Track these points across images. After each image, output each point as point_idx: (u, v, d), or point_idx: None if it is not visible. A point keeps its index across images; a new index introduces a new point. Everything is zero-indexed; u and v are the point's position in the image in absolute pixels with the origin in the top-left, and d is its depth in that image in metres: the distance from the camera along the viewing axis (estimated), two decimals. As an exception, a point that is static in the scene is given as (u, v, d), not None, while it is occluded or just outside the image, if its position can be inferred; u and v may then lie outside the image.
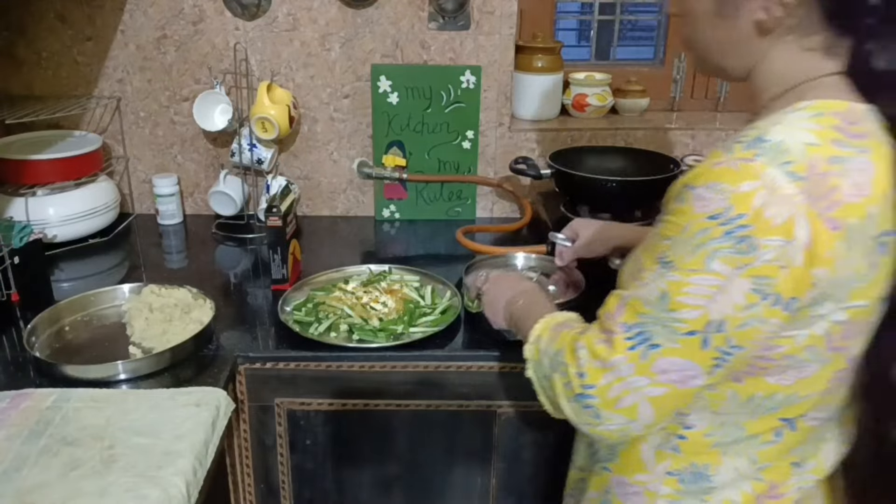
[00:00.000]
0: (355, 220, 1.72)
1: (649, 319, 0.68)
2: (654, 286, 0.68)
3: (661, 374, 0.69)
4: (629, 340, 0.69)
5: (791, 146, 0.64)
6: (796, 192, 0.62)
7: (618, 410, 0.71)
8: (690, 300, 0.65)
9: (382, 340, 1.14)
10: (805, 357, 0.70)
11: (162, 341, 1.11)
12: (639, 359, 0.69)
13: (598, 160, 1.59)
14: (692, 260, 0.65)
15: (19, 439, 0.90)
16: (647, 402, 0.70)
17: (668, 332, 0.67)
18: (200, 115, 1.57)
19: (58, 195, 1.47)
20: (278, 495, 1.23)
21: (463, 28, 1.59)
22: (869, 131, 0.68)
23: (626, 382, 0.70)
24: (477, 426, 1.20)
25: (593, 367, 0.71)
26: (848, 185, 0.64)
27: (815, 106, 0.68)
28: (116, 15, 1.55)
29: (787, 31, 0.71)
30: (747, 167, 0.63)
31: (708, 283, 0.64)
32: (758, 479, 0.79)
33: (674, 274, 0.66)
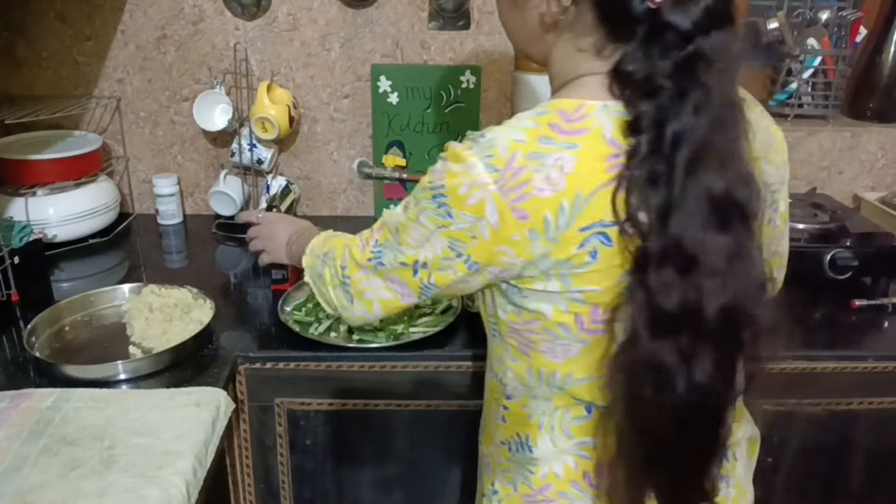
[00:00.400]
0: (355, 220, 1.72)
1: (387, 243, 0.81)
2: (396, 219, 0.80)
3: (390, 283, 0.83)
4: (369, 252, 0.84)
5: (499, 142, 0.70)
6: (490, 182, 0.69)
7: (362, 301, 0.87)
8: (409, 239, 0.78)
9: (382, 340, 1.14)
10: (560, 333, 0.74)
11: (162, 341, 1.11)
12: (373, 269, 0.84)
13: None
14: (413, 211, 0.77)
15: (19, 439, 0.90)
16: (378, 301, 0.85)
17: (395, 253, 0.80)
18: (200, 115, 1.57)
19: (58, 195, 1.47)
20: (278, 495, 1.23)
21: (463, 28, 1.59)
22: (587, 127, 0.69)
23: (368, 281, 0.85)
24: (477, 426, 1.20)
25: (351, 264, 0.86)
26: (540, 179, 0.68)
27: (550, 105, 0.72)
28: (116, 15, 1.55)
29: (565, 30, 0.75)
30: (461, 154, 0.71)
31: (418, 231, 0.76)
32: (582, 455, 0.80)
33: (404, 218, 0.79)
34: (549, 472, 0.82)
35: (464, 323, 1.21)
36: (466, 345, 1.16)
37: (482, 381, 1.16)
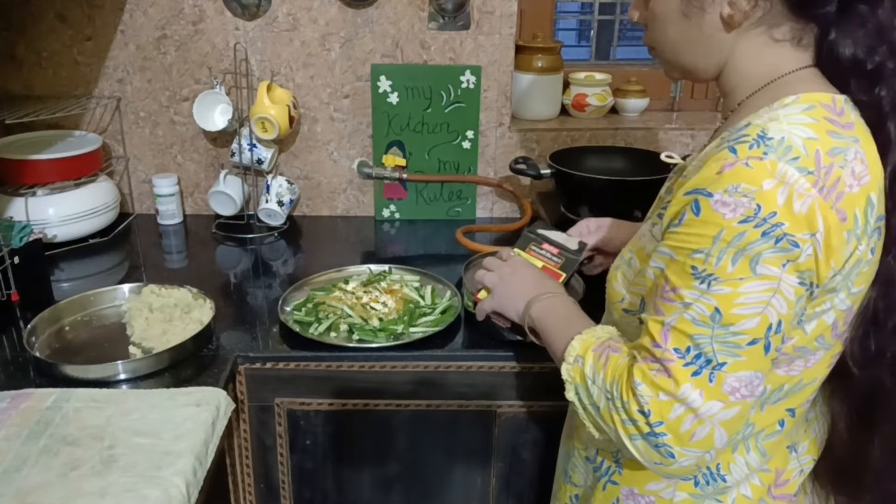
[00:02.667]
0: (355, 220, 1.72)
1: (704, 340, 0.65)
2: (700, 304, 0.65)
3: (732, 394, 0.66)
4: (689, 366, 0.66)
5: (794, 142, 0.64)
6: (810, 187, 0.63)
7: (693, 444, 0.67)
8: (746, 310, 0.64)
9: (382, 340, 1.14)
10: (814, 347, 0.71)
11: (162, 341, 1.11)
12: (707, 383, 0.66)
13: (598, 160, 1.59)
14: (736, 268, 0.63)
15: (19, 439, 0.90)
16: (721, 427, 0.67)
17: (730, 347, 0.65)
18: (200, 115, 1.57)
19: (58, 195, 1.47)
20: (278, 495, 1.23)
21: (463, 28, 1.59)
22: (854, 120, 0.69)
23: (699, 414, 0.66)
24: (477, 426, 1.20)
25: (658, 403, 0.67)
26: (848, 175, 0.65)
27: (803, 99, 0.68)
28: (116, 15, 1.55)
29: (754, 24, 0.71)
30: (761, 165, 0.63)
31: (760, 287, 0.63)
32: (765, 470, 0.79)
33: (720, 287, 0.64)
34: (737, 495, 0.79)
35: (464, 323, 1.21)
36: (466, 345, 1.16)
37: (482, 381, 1.16)
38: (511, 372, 1.15)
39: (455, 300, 1.24)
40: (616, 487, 0.85)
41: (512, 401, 1.18)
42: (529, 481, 1.25)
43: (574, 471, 0.94)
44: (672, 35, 0.77)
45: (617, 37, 1.96)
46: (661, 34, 0.78)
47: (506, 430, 1.20)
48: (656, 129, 1.71)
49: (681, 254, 0.67)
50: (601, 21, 1.93)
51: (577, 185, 1.48)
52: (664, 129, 1.71)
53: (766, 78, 0.73)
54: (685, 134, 1.71)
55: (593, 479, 0.89)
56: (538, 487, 1.25)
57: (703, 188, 0.65)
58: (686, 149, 1.71)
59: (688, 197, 0.67)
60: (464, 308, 1.22)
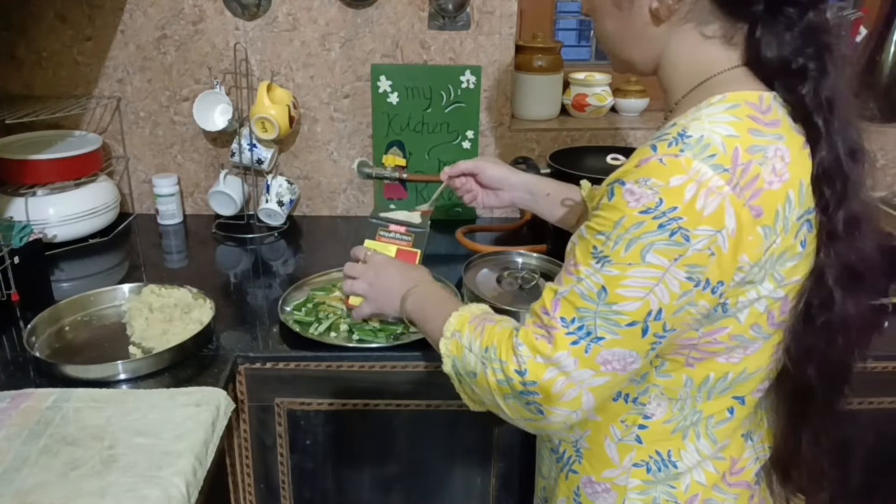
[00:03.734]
0: (355, 220, 1.72)
1: (588, 314, 0.69)
2: (590, 281, 0.69)
3: (604, 365, 0.70)
4: (571, 335, 0.70)
5: (713, 139, 0.66)
6: (723, 184, 0.65)
7: (562, 403, 0.72)
8: (630, 292, 0.67)
9: (382, 340, 1.14)
10: (750, 336, 0.73)
11: (162, 341, 1.11)
12: (583, 353, 0.70)
13: (598, 160, 1.59)
14: (629, 254, 0.67)
15: (19, 439, 0.90)
16: (589, 391, 0.72)
17: (610, 324, 0.69)
18: (200, 115, 1.57)
19: (58, 195, 1.47)
20: (278, 495, 1.23)
21: (463, 28, 1.59)
22: (781, 118, 0.70)
23: (570, 377, 0.71)
24: (477, 426, 1.20)
25: (535, 364, 0.71)
26: (768, 172, 0.66)
27: (729, 98, 0.70)
28: (116, 15, 1.55)
29: (683, 20, 0.73)
30: (674, 162, 0.65)
31: (646, 275, 0.67)
32: (719, 458, 0.81)
33: (611, 268, 0.68)
34: (691, 482, 0.81)
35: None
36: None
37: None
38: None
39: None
40: (576, 476, 0.87)
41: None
42: (529, 481, 1.25)
43: (542, 463, 0.97)
44: (608, 27, 0.80)
45: (617, 37, 1.96)
46: (600, 26, 0.81)
47: (506, 430, 1.20)
48: (656, 129, 1.71)
49: (589, 232, 0.71)
50: (601, 21, 1.93)
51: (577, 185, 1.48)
52: (664, 129, 1.71)
53: (700, 76, 0.75)
54: (685, 134, 1.71)
55: (556, 469, 0.91)
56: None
57: (620, 178, 0.69)
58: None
59: (607, 186, 0.71)
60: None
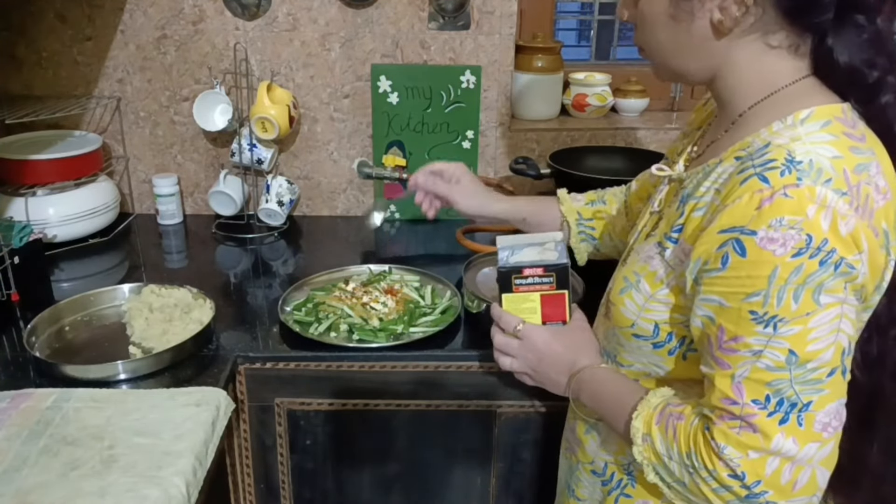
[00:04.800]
0: (355, 220, 1.72)
1: (783, 385, 0.63)
2: (771, 351, 0.63)
3: (824, 431, 0.64)
4: (774, 415, 0.63)
5: (822, 164, 0.62)
6: (848, 208, 0.61)
7: (797, 493, 0.64)
8: (820, 344, 0.62)
9: (382, 340, 1.14)
10: None
11: (162, 341, 1.11)
12: (797, 428, 0.63)
13: (598, 160, 1.59)
14: (800, 304, 0.61)
15: (19, 439, 0.90)
16: (821, 466, 0.65)
17: (812, 384, 0.63)
18: (200, 115, 1.57)
19: (58, 195, 1.47)
20: (278, 495, 1.23)
21: (463, 28, 1.59)
22: (865, 132, 0.68)
23: (796, 460, 0.63)
24: (477, 426, 1.20)
25: (750, 462, 0.64)
26: (874, 191, 0.64)
27: (817, 114, 0.67)
28: (116, 15, 1.55)
29: (747, 31, 0.70)
30: (799, 193, 0.61)
31: (828, 317, 0.62)
32: None
33: (788, 327, 0.62)
34: None
35: (464, 323, 1.21)
36: (466, 345, 1.16)
37: (482, 381, 1.16)
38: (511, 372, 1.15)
39: (455, 300, 1.24)
40: (629, 500, 0.84)
41: (512, 401, 1.18)
42: (529, 481, 1.25)
43: (578, 485, 0.93)
44: (661, 37, 0.75)
45: (617, 37, 1.96)
46: (650, 36, 0.76)
47: (506, 430, 1.20)
48: (656, 129, 1.71)
49: (733, 299, 0.64)
50: (601, 21, 1.93)
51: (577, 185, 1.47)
52: (664, 129, 1.71)
53: (766, 88, 0.71)
54: (685, 134, 1.71)
55: (602, 493, 0.88)
56: (538, 487, 1.25)
57: (741, 226, 0.62)
58: (686, 149, 1.70)
59: (724, 235, 0.64)
60: (464, 308, 1.22)
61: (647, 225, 0.85)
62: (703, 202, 0.71)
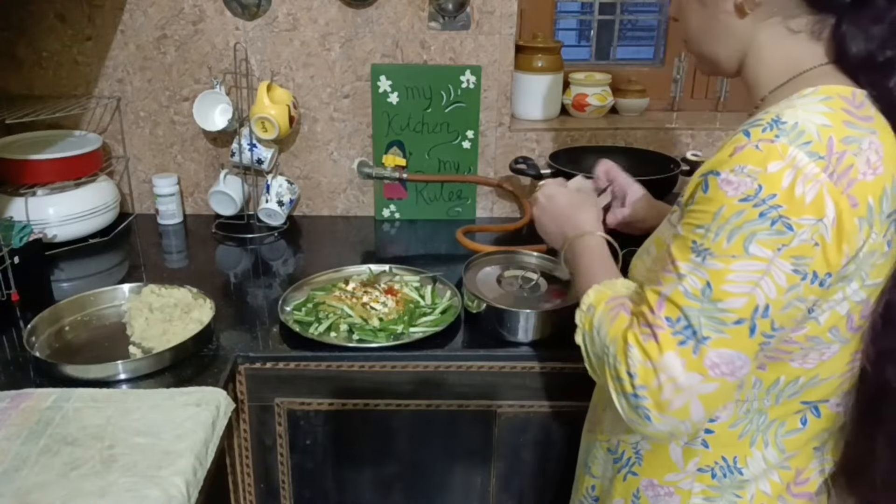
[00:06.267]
0: (355, 219, 1.72)
1: (693, 312, 0.67)
2: (693, 277, 0.67)
3: (712, 369, 0.67)
4: (677, 335, 0.68)
5: (807, 127, 0.65)
6: (819, 171, 0.63)
7: (670, 412, 0.69)
8: (735, 288, 0.65)
9: (382, 340, 1.14)
10: (828, 338, 0.72)
11: (162, 341, 1.11)
12: (690, 354, 0.67)
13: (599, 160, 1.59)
14: (731, 245, 0.65)
15: (19, 439, 0.90)
16: (698, 400, 0.68)
17: (716, 323, 0.66)
18: (200, 115, 1.57)
19: (58, 195, 1.47)
20: (278, 495, 1.23)
21: (463, 28, 1.59)
22: (874, 114, 0.69)
23: (678, 383, 0.68)
24: (477, 426, 1.20)
25: (645, 368, 0.69)
26: (862, 163, 0.65)
27: (822, 91, 0.69)
28: (116, 15, 1.55)
29: (768, 14, 0.73)
30: (770, 147, 0.64)
31: (750, 268, 0.64)
32: (784, 467, 0.80)
33: (713, 262, 0.66)
34: (756, 491, 0.80)
35: (464, 323, 1.21)
36: (466, 345, 1.16)
37: (482, 381, 1.16)
38: (511, 372, 1.15)
39: (455, 300, 1.24)
40: (636, 478, 0.86)
41: (512, 401, 1.18)
42: (529, 481, 1.25)
43: (594, 462, 0.95)
44: (693, 24, 0.80)
45: (617, 37, 1.96)
46: (685, 24, 0.81)
47: (506, 430, 1.20)
48: (656, 129, 1.71)
49: (686, 229, 0.69)
50: (601, 21, 1.93)
51: (577, 185, 1.47)
52: (664, 129, 1.71)
53: (788, 72, 0.74)
54: (685, 134, 1.71)
55: (613, 469, 0.90)
56: (538, 487, 1.25)
57: (713, 169, 0.67)
58: (686, 148, 1.70)
59: (700, 178, 0.69)
60: (464, 308, 1.22)
61: None
62: None
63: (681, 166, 1.46)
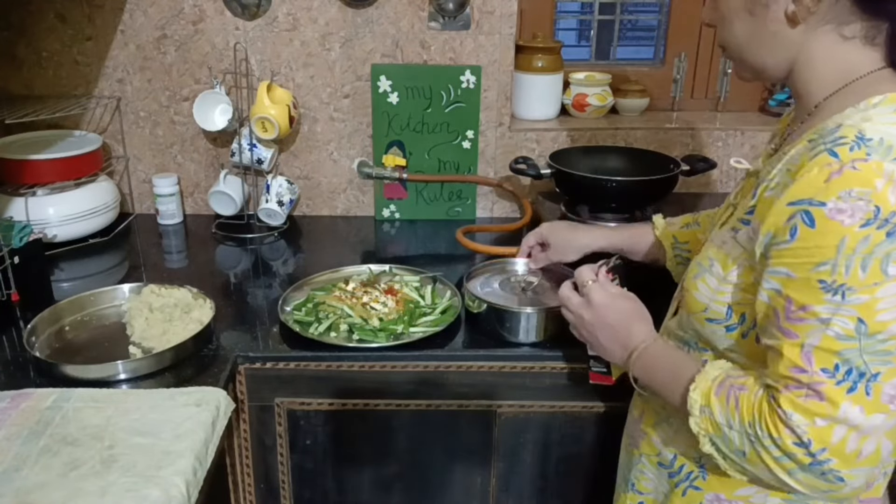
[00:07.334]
0: (355, 219, 1.72)
1: (852, 354, 0.63)
2: (840, 318, 0.63)
3: (892, 403, 0.64)
4: (842, 384, 0.63)
5: (893, 141, 0.63)
6: None
7: (862, 463, 0.65)
8: (889, 315, 0.62)
9: (382, 340, 1.14)
10: None
11: (162, 341, 1.11)
12: (864, 397, 0.63)
13: (598, 160, 1.59)
14: (868, 274, 0.62)
15: (19, 439, 0.90)
16: (886, 439, 0.65)
17: (881, 355, 0.63)
18: (200, 115, 1.57)
19: (58, 195, 1.47)
20: (278, 495, 1.23)
21: (463, 28, 1.59)
22: None
23: (862, 429, 0.64)
24: (477, 426, 1.20)
25: (817, 430, 0.64)
26: None
27: (891, 99, 0.68)
28: (116, 15, 1.55)
29: (821, 21, 0.71)
30: (867, 167, 0.62)
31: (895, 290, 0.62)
32: None
33: (856, 296, 0.62)
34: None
35: (464, 323, 1.21)
36: (466, 345, 1.16)
37: (482, 381, 1.16)
38: (511, 372, 1.15)
39: (455, 300, 1.24)
40: (699, 493, 0.83)
41: (512, 401, 1.18)
42: (529, 481, 1.25)
43: (640, 478, 0.93)
44: (738, 33, 0.77)
45: (617, 37, 1.96)
46: (728, 33, 0.78)
47: (506, 430, 1.20)
48: (656, 129, 1.71)
49: (800, 270, 0.65)
50: (601, 21, 1.93)
51: (577, 186, 1.48)
52: (664, 129, 1.71)
53: (841, 79, 0.72)
54: (685, 134, 1.71)
55: (669, 484, 0.87)
56: (538, 487, 1.25)
57: (810, 198, 0.64)
58: (686, 149, 1.70)
59: (793, 207, 0.65)
60: (464, 308, 1.22)
61: (723, 216, 0.86)
62: (774, 182, 0.72)
63: (681, 166, 1.46)
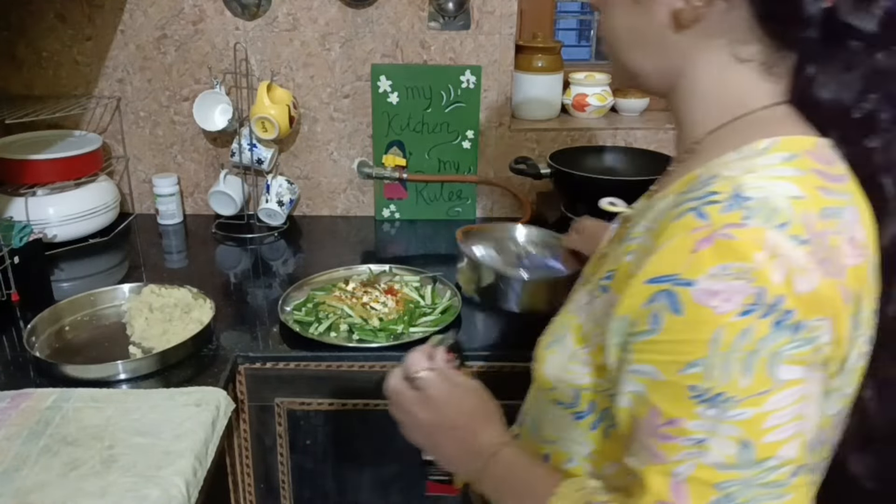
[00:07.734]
0: (355, 220, 1.72)
1: (736, 486, 0.48)
2: (717, 440, 0.48)
3: None
4: (724, 490, 0.48)
5: (778, 203, 0.49)
6: (809, 259, 0.48)
7: None
8: (780, 433, 0.48)
9: (382, 340, 1.14)
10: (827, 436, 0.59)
11: (162, 341, 1.11)
12: None
13: (598, 160, 1.59)
14: (752, 380, 0.47)
15: (19, 439, 0.90)
16: None
17: (771, 487, 0.48)
18: (200, 115, 1.57)
19: (58, 195, 1.47)
20: (278, 495, 1.23)
21: (463, 28, 1.59)
22: (844, 172, 0.56)
23: None
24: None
25: None
26: (846, 242, 0.52)
27: (783, 145, 0.54)
28: (116, 15, 1.55)
29: (713, 32, 0.58)
30: (744, 233, 0.48)
31: (787, 399, 0.48)
32: None
33: (737, 409, 0.47)
34: None
35: (464, 323, 1.21)
36: (466, 345, 1.16)
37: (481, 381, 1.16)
38: (511, 372, 1.15)
39: (455, 300, 1.24)
40: None
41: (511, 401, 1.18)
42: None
43: None
44: (618, 24, 0.64)
45: (617, 37, 1.96)
46: (607, 21, 0.65)
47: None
48: (656, 129, 1.71)
49: (668, 370, 0.50)
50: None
51: (577, 186, 1.48)
52: (664, 129, 1.71)
53: (729, 110, 0.59)
54: (685, 134, 1.71)
55: None
56: (538, 487, 1.25)
57: (674, 274, 0.49)
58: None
59: (653, 286, 0.50)
60: (462, 303, 1.22)
61: (589, 268, 0.73)
62: (635, 244, 0.58)
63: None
